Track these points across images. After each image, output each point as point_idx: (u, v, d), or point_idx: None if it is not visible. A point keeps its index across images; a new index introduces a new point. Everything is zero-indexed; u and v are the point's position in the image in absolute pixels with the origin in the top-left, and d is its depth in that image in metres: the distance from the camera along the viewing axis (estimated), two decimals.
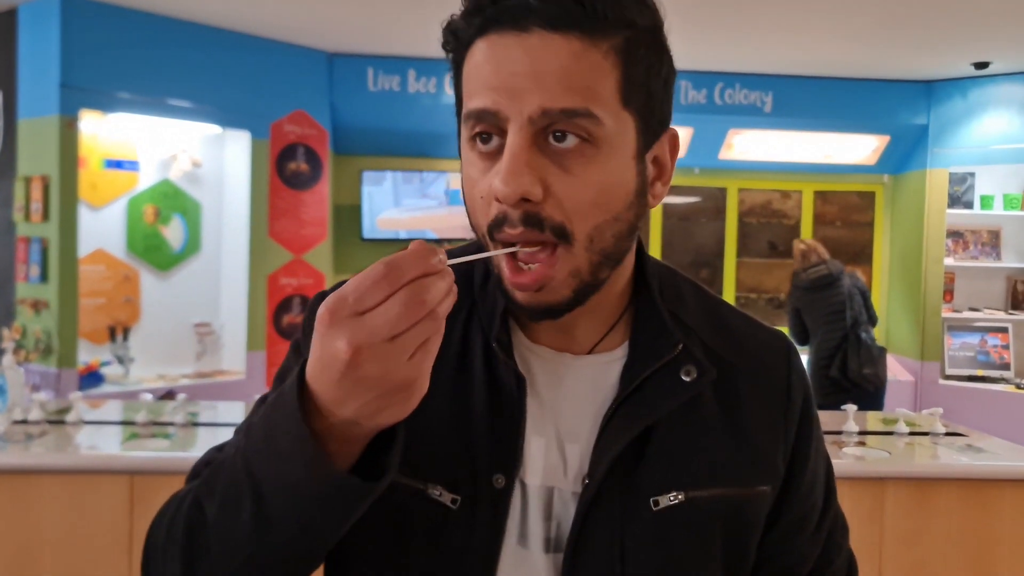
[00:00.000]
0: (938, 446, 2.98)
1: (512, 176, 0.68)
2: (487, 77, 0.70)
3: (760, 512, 0.83)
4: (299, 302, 5.11)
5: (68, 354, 4.13)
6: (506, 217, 0.70)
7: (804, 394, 0.87)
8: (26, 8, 4.27)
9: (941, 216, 5.59)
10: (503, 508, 0.76)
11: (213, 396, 4.48)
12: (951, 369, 5.67)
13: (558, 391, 0.80)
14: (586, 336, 0.81)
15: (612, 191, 0.72)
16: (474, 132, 0.72)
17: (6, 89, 4.39)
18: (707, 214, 6.12)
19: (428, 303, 0.59)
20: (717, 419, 0.81)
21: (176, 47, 4.51)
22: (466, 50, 0.73)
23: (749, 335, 0.87)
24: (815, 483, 0.88)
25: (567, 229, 0.70)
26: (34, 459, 2.56)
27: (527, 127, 0.69)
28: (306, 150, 5.12)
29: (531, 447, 0.78)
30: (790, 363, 0.87)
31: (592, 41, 0.69)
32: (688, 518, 0.78)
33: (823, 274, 4.69)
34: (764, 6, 4.16)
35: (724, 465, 0.80)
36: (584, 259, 0.72)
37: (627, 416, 0.77)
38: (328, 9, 4.39)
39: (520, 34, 0.68)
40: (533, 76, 0.68)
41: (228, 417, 3.19)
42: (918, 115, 5.66)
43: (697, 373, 0.79)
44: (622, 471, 0.77)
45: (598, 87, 0.69)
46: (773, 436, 0.83)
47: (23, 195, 4.19)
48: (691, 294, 0.87)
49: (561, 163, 0.70)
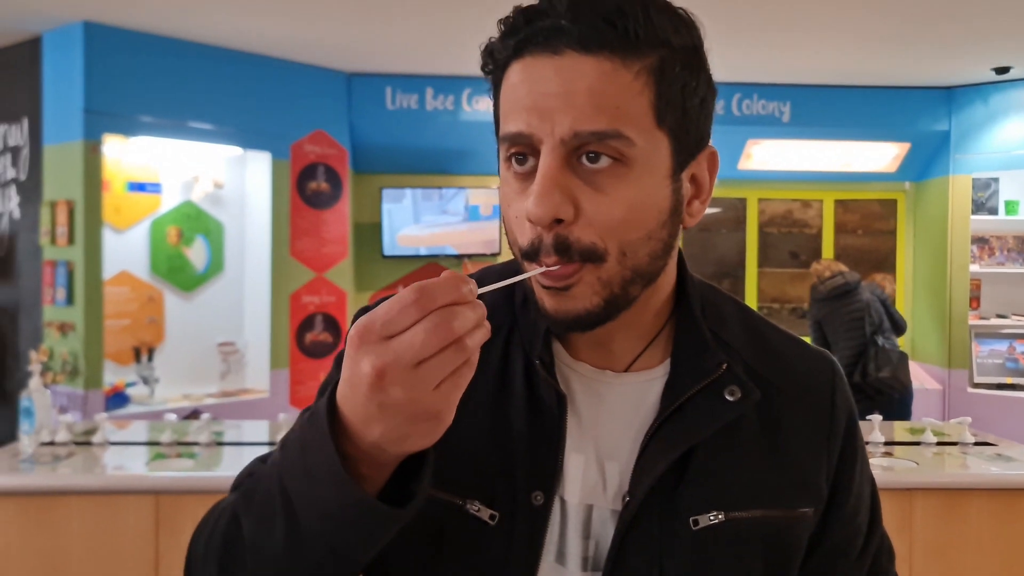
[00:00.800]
0: (967, 455, 2.94)
1: (544, 198, 0.69)
2: (521, 98, 0.70)
3: (802, 535, 0.81)
4: (321, 320, 5.14)
5: (94, 375, 4.18)
6: (540, 243, 0.71)
7: (848, 415, 0.85)
8: (50, 36, 4.35)
9: (965, 222, 5.53)
10: (541, 525, 0.76)
11: (237, 415, 4.51)
12: (979, 377, 5.59)
13: (598, 409, 0.80)
14: (624, 352, 0.81)
15: (644, 210, 0.71)
16: (509, 153, 0.73)
17: (31, 116, 4.47)
18: (727, 225, 6.10)
19: (455, 331, 0.59)
20: (759, 440, 0.80)
21: (196, 70, 4.57)
22: (503, 71, 0.73)
23: (793, 355, 0.86)
24: (859, 506, 0.86)
25: (598, 248, 0.70)
26: (61, 480, 2.59)
27: (559, 148, 0.69)
28: (326, 169, 5.15)
29: (570, 464, 0.77)
30: (834, 384, 0.86)
31: (624, 62, 0.69)
32: (728, 539, 0.77)
33: (839, 284, 4.75)
34: (780, 16, 4.15)
35: (765, 486, 0.79)
36: (616, 273, 0.72)
37: (669, 436, 0.76)
38: (346, 30, 4.43)
39: (553, 56, 0.69)
40: (564, 97, 0.68)
41: (253, 436, 3.21)
42: (939, 121, 5.61)
43: (741, 394, 0.78)
44: (662, 490, 0.76)
45: (629, 107, 0.69)
46: (816, 458, 0.82)
47: (49, 219, 4.25)
48: (734, 313, 0.86)
49: (593, 183, 0.70)
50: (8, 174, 4.63)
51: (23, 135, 4.53)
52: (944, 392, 5.58)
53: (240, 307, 5.11)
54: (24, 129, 4.52)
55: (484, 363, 0.75)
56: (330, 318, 5.17)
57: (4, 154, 4.65)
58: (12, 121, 4.59)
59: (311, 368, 5.04)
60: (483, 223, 5.61)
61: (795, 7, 4.00)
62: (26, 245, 4.52)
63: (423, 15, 4.16)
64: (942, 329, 5.63)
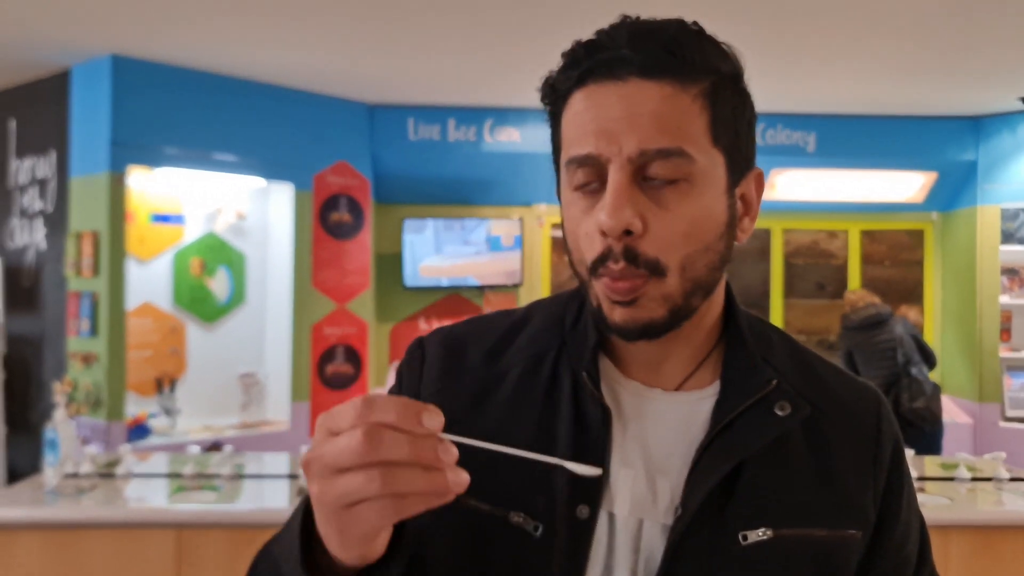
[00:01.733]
0: (1003, 492, 2.87)
1: (616, 210, 0.73)
2: (587, 123, 0.75)
3: (851, 558, 0.82)
4: (343, 351, 5.13)
5: (116, 407, 4.18)
6: (610, 252, 0.74)
7: (895, 444, 0.87)
8: (79, 69, 4.41)
9: (994, 253, 5.46)
10: (586, 538, 0.77)
11: (258, 447, 4.49)
12: (1011, 411, 5.48)
13: (649, 425, 0.82)
14: (675, 372, 0.83)
15: (704, 224, 0.76)
16: (576, 177, 0.77)
17: (59, 148, 4.52)
18: (752, 255, 6.05)
19: (380, 453, 0.55)
20: (807, 459, 0.82)
21: (221, 102, 4.61)
22: (564, 102, 0.78)
23: (839, 383, 0.88)
24: (907, 536, 0.87)
25: (660, 263, 0.74)
26: (84, 513, 2.58)
27: (627, 166, 0.73)
28: (348, 200, 5.17)
29: (619, 478, 0.79)
30: (880, 413, 0.88)
31: (682, 86, 0.74)
32: (777, 556, 0.78)
33: (872, 313, 4.72)
34: (805, 46, 4.15)
35: (813, 505, 0.80)
36: (677, 286, 0.76)
37: (720, 450, 0.78)
38: (368, 62, 4.47)
39: (616, 83, 0.74)
40: (629, 120, 0.73)
41: (273, 469, 3.19)
42: (966, 151, 5.56)
43: (791, 408, 0.80)
44: (712, 505, 0.77)
45: (689, 128, 0.74)
46: (862, 481, 0.83)
47: (74, 251, 4.28)
48: (780, 341, 0.89)
49: (658, 199, 0.74)
50: (36, 206, 4.68)
51: (51, 167, 4.58)
52: (975, 426, 5.47)
53: (262, 338, 5.11)
54: (52, 161, 4.57)
55: (532, 382, 0.82)
56: (351, 350, 5.16)
57: (32, 186, 4.70)
58: (40, 153, 4.65)
59: (332, 400, 5.02)
60: (505, 254, 5.60)
61: (820, 36, 3.99)
62: (51, 276, 4.56)
63: (445, 47, 4.18)
64: (972, 362, 5.54)
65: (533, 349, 0.85)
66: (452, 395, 0.83)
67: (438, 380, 0.85)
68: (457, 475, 0.57)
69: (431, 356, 0.87)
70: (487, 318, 0.91)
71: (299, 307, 4.94)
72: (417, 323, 5.75)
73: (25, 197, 4.75)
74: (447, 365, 0.86)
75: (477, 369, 0.85)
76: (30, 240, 4.71)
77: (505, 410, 0.82)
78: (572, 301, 0.88)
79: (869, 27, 3.84)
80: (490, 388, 0.84)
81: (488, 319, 0.91)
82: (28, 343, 4.70)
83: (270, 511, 2.66)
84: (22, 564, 2.51)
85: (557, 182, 0.82)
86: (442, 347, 0.87)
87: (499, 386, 0.83)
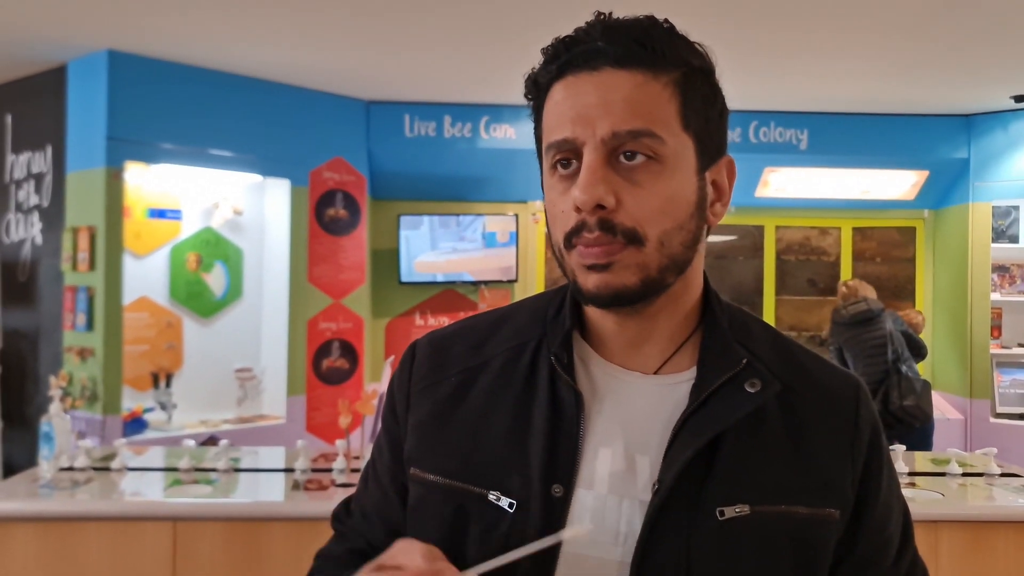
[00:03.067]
0: (993, 487, 2.90)
1: (589, 186, 0.77)
2: (565, 111, 0.80)
3: (828, 537, 0.84)
4: (338, 346, 5.14)
5: (112, 401, 4.19)
6: (584, 223, 0.79)
7: (873, 428, 0.90)
8: (75, 64, 4.41)
9: (985, 250, 5.49)
10: (560, 516, 0.81)
11: (254, 441, 4.51)
12: (1002, 407, 5.52)
13: (627, 406, 0.86)
14: (653, 355, 0.87)
15: (676, 202, 0.80)
16: (555, 160, 0.82)
17: (55, 143, 4.52)
18: (744, 252, 6.08)
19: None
20: (783, 439, 0.85)
21: (217, 98, 4.62)
22: (545, 94, 0.84)
23: (818, 369, 0.91)
24: (888, 517, 0.90)
25: (639, 232, 0.79)
26: (80, 506, 2.59)
27: (600, 147, 0.78)
28: (344, 196, 5.18)
29: (598, 458, 0.83)
30: (859, 397, 0.90)
31: (653, 75, 0.79)
32: (754, 533, 0.81)
33: (862, 310, 4.72)
34: (798, 44, 4.17)
35: (790, 483, 0.83)
36: (654, 259, 0.80)
37: (696, 426, 0.82)
38: (365, 58, 4.48)
39: (592, 73, 0.79)
40: (603, 105, 0.78)
41: (270, 463, 3.20)
42: (958, 149, 5.59)
43: (761, 385, 0.84)
44: (690, 482, 0.81)
45: (660, 112, 0.79)
46: (840, 463, 0.86)
47: (71, 245, 4.29)
48: (760, 330, 0.93)
49: (631, 178, 0.79)
50: (31, 200, 4.68)
51: (47, 162, 4.58)
52: (966, 422, 5.51)
53: (258, 333, 5.13)
54: (48, 156, 4.58)
55: (513, 370, 0.88)
56: (347, 344, 5.18)
57: (28, 181, 4.71)
58: (36, 148, 4.65)
59: (328, 394, 5.04)
60: (500, 250, 5.62)
61: (812, 34, 4.01)
62: (48, 271, 4.56)
63: (441, 44, 4.20)
64: (963, 358, 5.57)
65: (515, 340, 0.91)
66: (437, 388, 0.90)
67: (426, 377, 0.92)
68: None
69: (420, 356, 0.94)
70: (474, 317, 0.98)
71: (295, 302, 4.96)
72: (413, 318, 5.77)
73: (21, 192, 4.75)
74: (434, 362, 0.92)
75: (461, 361, 0.91)
76: (26, 234, 4.71)
77: (486, 396, 0.88)
78: (555, 296, 0.93)
79: (861, 25, 3.86)
80: (473, 377, 0.89)
81: (475, 317, 0.97)
82: (24, 337, 4.71)
83: (265, 504, 2.68)
84: (17, 556, 2.53)
85: (541, 174, 0.87)
86: (430, 347, 0.94)
87: (482, 375, 0.89)
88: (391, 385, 0.96)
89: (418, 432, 0.90)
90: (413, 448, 0.89)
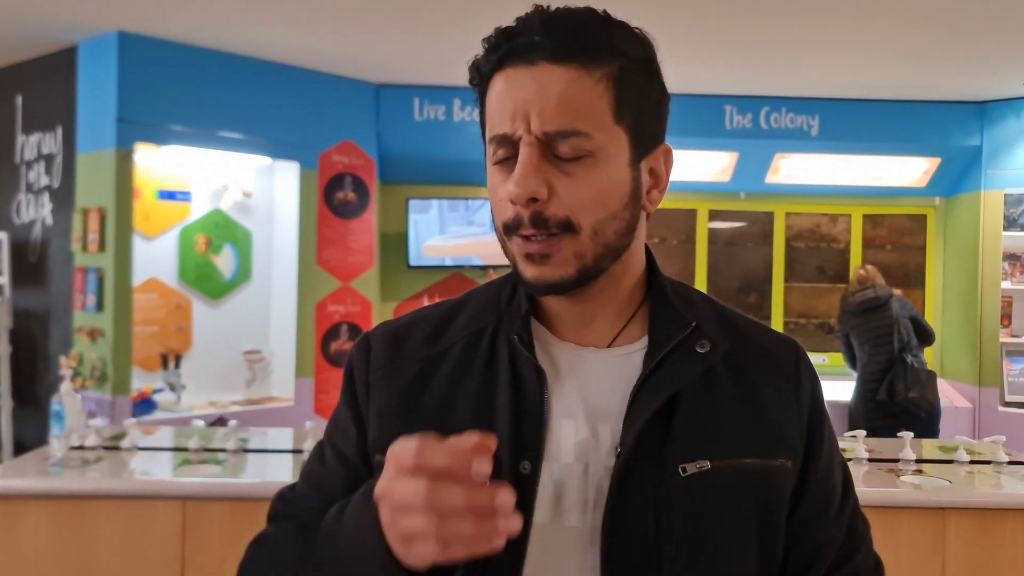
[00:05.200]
0: (1001, 475, 2.89)
1: (522, 180, 0.80)
2: (504, 104, 0.83)
3: (784, 486, 0.90)
4: (347, 329, 5.16)
5: (122, 381, 4.21)
6: (519, 219, 0.82)
7: (812, 383, 0.96)
8: (85, 46, 4.41)
9: (997, 238, 5.46)
10: (530, 492, 0.83)
11: (262, 422, 4.53)
12: (1011, 396, 5.50)
13: (585, 379, 0.89)
14: (604, 331, 0.91)
15: (609, 192, 0.83)
16: (496, 154, 0.85)
17: (65, 125, 4.53)
18: (754, 239, 6.06)
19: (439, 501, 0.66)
20: (734, 397, 0.90)
21: (227, 81, 4.62)
22: (487, 83, 0.86)
23: (757, 332, 0.97)
24: (832, 467, 0.96)
25: (572, 222, 0.82)
26: (90, 484, 2.61)
27: (535, 142, 0.81)
28: (353, 179, 5.18)
29: (562, 430, 0.86)
30: (798, 356, 0.97)
31: (587, 70, 0.81)
32: (716, 486, 0.85)
33: (869, 297, 4.72)
34: (809, 30, 4.14)
35: (744, 437, 0.88)
36: (589, 247, 0.83)
37: (652, 389, 0.86)
38: (374, 42, 4.47)
39: (529, 66, 0.82)
40: (538, 101, 0.81)
41: (278, 444, 3.22)
42: (971, 136, 5.55)
43: (710, 345, 0.89)
44: (652, 443, 0.85)
45: (591, 108, 0.81)
46: (787, 415, 0.92)
47: (81, 226, 4.30)
48: (702, 300, 0.97)
49: (563, 169, 0.82)
50: (42, 181, 4.70)
51: (57, 143, 4.59)
52: (975, 410, 5.49)
53: (266, 315, 5.14)
54: (58, 137, 4.59)
55: (472, 355, 0.90)
56: (355, 327, 5.19)
57: (38, 162, 4.72)
58: (47, 129, 4.66)
59: (336, 377, 5.06)
60: None
61: (824, 20, 3.98)
62: (58, 251, 4.58)
63: (451, 28, 4.18)
64: (973, 347, 5.55)
65: (472, 327, 0.93)
66: (397, 377, 0.92)
67: (383, 367, 0.93)
68: (509, 522, 0.67)
69: (376, 347, 0.95)
70: (426, 308, 1.00)
71: (304, 285, 4.97)
72: (421, 302, 5.77)
73: (31, 173, 4.77)
74: (391, 352, 0.94)
75: (419, 350, 0.93)
76: (36, 215, 4.73)
77: (447, 383, 0.90)
78: (507, 282, 0.96)
79: (873, 11, 3.83)
80: (433, 366, 0.91)
81: (427, 308, 1.00)
82: (34, 317, 4.74)
83: (273, 484, 2.68)
84: (28, 533, 2.55)
85: (485, 157, 0.90)
86: (386, 337, 0.96)
87: (442, 363, 0.91)
88: (349, 371, 0.96)
89: (379, 421, 0.91)
90: (377, 436, 0.90)
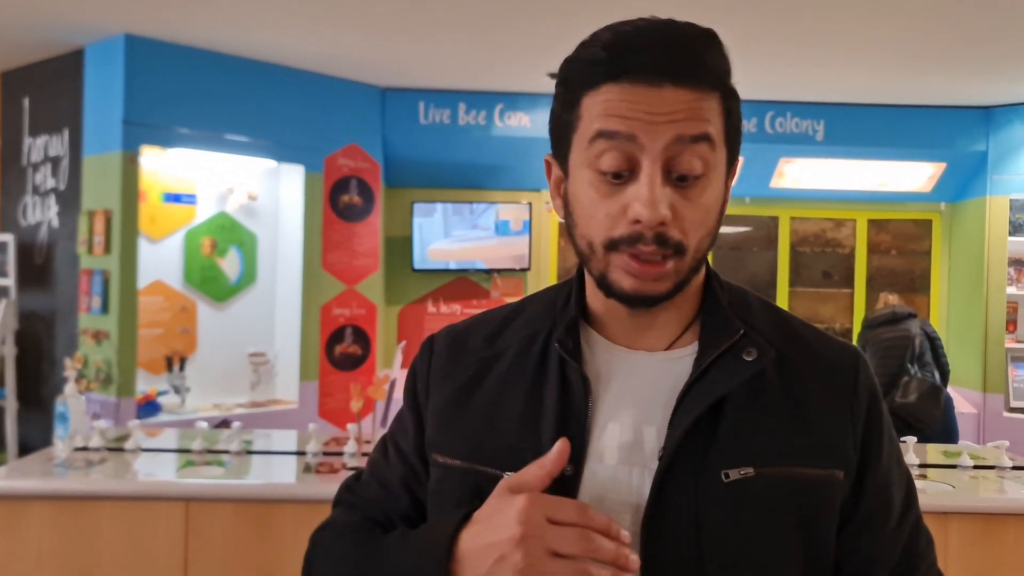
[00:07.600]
0: (1005, 480, 2.89)
1: (654, 205, 0.81)
2: (623, 110, 0.81)
3: (833, 497, 0.88)
4: (351, 332, 5.16)
5: (127, 384, 4.22)
6: (641, 235, 0.82)
7: (872, 394, 0.93)
8: (92, 48, 4.43)
9: (1002, 244, 5.45)
10: (570, 494, 0.84)
11: (266, 425, 4.53)
12: (1016, 401, 5.49)
13: (633, 383, 0.90)
14: (660, 336, 0.92)
15: (712, 211, 0.86)
16: (600, 156, 0.83)
17: (72, 127, 4.55)
18: (759, 243, 6.05)
19: (586, 551, 0.74)
20: (783, 404, 0.89)
21: (233, 83, 4.63)
22: (591, 88, 0.84)
23: (817, 339, 0.95)
24: (890, 479, 0.93)
25: (684, 244, 0.84)
26: (94, 485, 2.62)
27: (659, 159, 0.81)
28: (359, 183, 5.19)
29: (607, 432, 0.88)
30: (857, 367, 0.94)
31: (707, 93, 0.83)
32: (760, 493, 0.84)
33: (887, 312, 4.86)
34: (815, 34, 4.14)
35: (791, 445, 0.87)
36: (687, 265, 0.85)
37: (698, 394, 0.86)
38: (380, 45, 4.48)
39: (651, 87, 0.81)
40: (667, 114, 0.81)
41: (282, 446, 3.22)
42: (976, 142, 5.54)
43: (757, 353, 0.89)
44: (695, 448, 0.85)
45: (711, 126, 0.83)
46: (841, 426, 0.90)
47: (86, 228, 4.32)
48: (760, 306, 0.97)
49: (681, 192, 0.83)
50: (48, 184, 4.72)
51: (63, 145, 4.61)
52: (979, 416, 5.48)
53: (271, 318, 5.15)
54: (65, 140, 4.61)
55: (525, 359, 0.93)
56: (360, 330, 5.20)
57: (45, 164, 4.74)
58: (53, 132, 4.68)
59: (340, 380, 5.06)
60: (513, 238, 5.62)
61: (829, 25, 3.98)
62: (64, 254, 4.60)
63: (457, 31, 4.19)
64: (978, 352, 5.54)
65: (527, 331, 0.96)
66: (455, 377, 0.96)
67: (444, 367, 0.97)
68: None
69: (439, 347, 1.00)
70: (489, 311, 1.03)
71: (308, 288, 4.98)
72: (425, 305, 5.78)
73: (38, 175, 4.79)
74: (452, 353, 0.98)
75: (478, 352, 0.96)
76: (43, 217, 4.75)
77: (499, 384, 0.93)
78: (565, 287, 0.97)
79: (879, 15, 3.83)
80: (488, 366, 0.95)
81: (489, 311, 1.03)
82: (40, 319, 4.76)
83: (277, 486, 2.70)
84: (32, 533, 2.56)
85: (562, 154, 0.89)
86: (449, 338, 1.00)
87: (496, 364, 0.95)
88: (412, 372, 1.01)
89: (437, 418, 0.95)
90: (433, 433, 0.95)
